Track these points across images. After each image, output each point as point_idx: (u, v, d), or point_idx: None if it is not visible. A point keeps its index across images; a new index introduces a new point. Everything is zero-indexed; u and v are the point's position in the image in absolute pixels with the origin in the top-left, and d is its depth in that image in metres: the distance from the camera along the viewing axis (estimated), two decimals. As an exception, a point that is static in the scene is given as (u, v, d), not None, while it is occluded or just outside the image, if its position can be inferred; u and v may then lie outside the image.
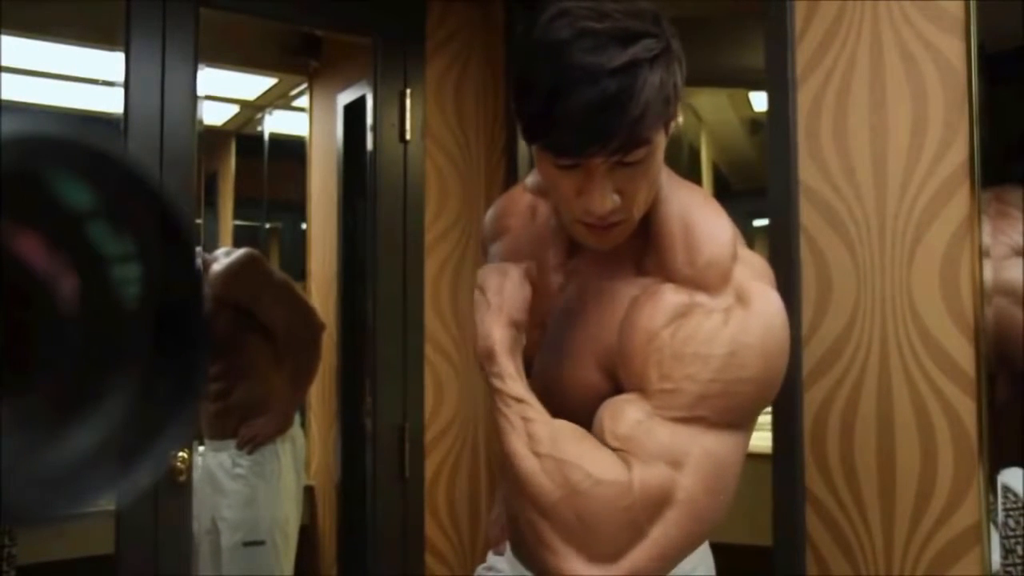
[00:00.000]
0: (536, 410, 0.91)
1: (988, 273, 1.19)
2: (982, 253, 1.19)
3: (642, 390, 0.89)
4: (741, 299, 0.89)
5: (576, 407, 0.94)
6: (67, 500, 0.43)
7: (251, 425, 2.52)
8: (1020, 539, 1.19)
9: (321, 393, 2.83)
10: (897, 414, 1.28)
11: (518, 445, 0.89)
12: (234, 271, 2.53)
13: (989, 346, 1.19)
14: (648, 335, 0.89)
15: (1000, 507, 1.18)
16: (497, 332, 0.94)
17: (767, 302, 0.90)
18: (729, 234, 0.94)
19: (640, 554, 0.85)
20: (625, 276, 0.96)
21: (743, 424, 0.91)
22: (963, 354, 1.21)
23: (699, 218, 0.95)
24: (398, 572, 2.05)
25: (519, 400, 0.91)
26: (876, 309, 1.31)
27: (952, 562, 1.21)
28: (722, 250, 0.92)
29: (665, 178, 0.96)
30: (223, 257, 2.60)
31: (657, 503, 0.85)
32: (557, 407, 0.95)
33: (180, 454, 1.75)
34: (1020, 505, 1.20)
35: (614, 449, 0.88)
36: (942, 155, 1.24)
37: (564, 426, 0.90)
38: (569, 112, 0.80)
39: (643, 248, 0.96)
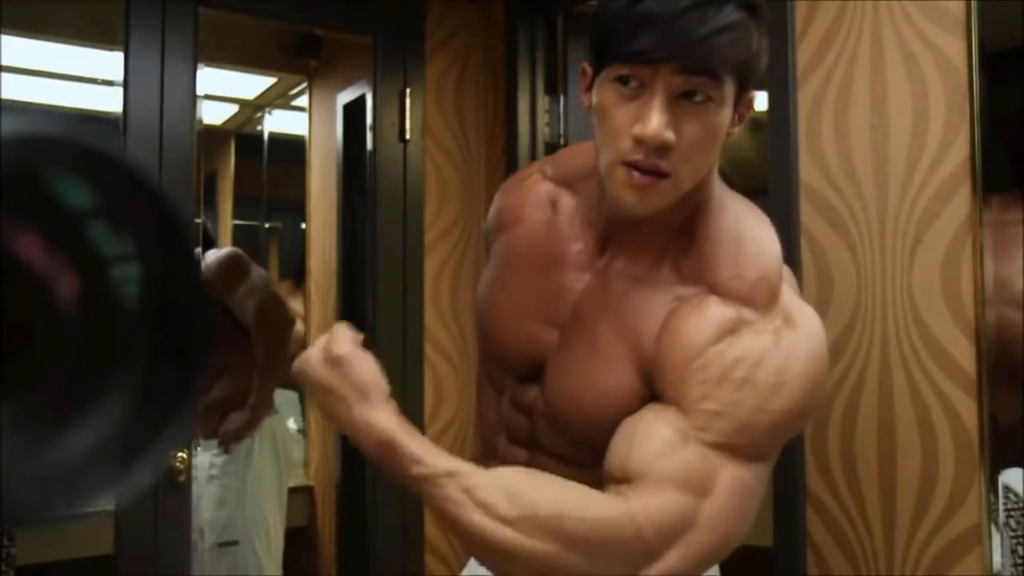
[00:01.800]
0: (473, 474, 0.83)
1: (989, 270, 1.19)
2: (983, 253, 1.19)
3: (679, 406, 0.84)
4: (788, 320, 0.86)
5: (610, 411, 0.90)
6: (67, 500, 0.42)
7: (228, 421, 2.54)
8: (1021, 540, 1.19)
9: (321, 393, 2.82)
10: (898, 414, 1.28)
11: (478, 519, 0.80)
12: (213, 270, 2.56)
13: (990, 346, 1.19)
14: (694, 349, 0.85)
15: (1001, 507, 1.18)
16: (380, 419, 0.85)
17: (812, 323, 0.88)
18: (778, 249, 0.91)
19: (654, 572, 0.81)
20: (663, 279, 0.92)
21: (774, 454, 0.88)
22: (964, 354, 1.21)
23: (750, 230, 0.92)
24: (398, 572, 2.05)
25: (450, 474, 0.82)
26: (877, 309, 1.31)
27: (953, 563, 1.21)
28: (772, 265, 0.89)
29: (718, 185, 0.94)
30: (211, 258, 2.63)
31: (673, 531, 0.81)
32: (585, 411, 0.92)
33: (179, 454, 1.75)
34: (1021, 506, 1.20)
35: (617, 481, 0.84)
36: (943, 155, 1.24)
37: (512, 477, 0.84)
38: (648, 15, 0.80)
39: (684, 252, 0.92)
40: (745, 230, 0.92)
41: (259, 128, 3.40)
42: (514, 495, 0.81)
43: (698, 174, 0.87)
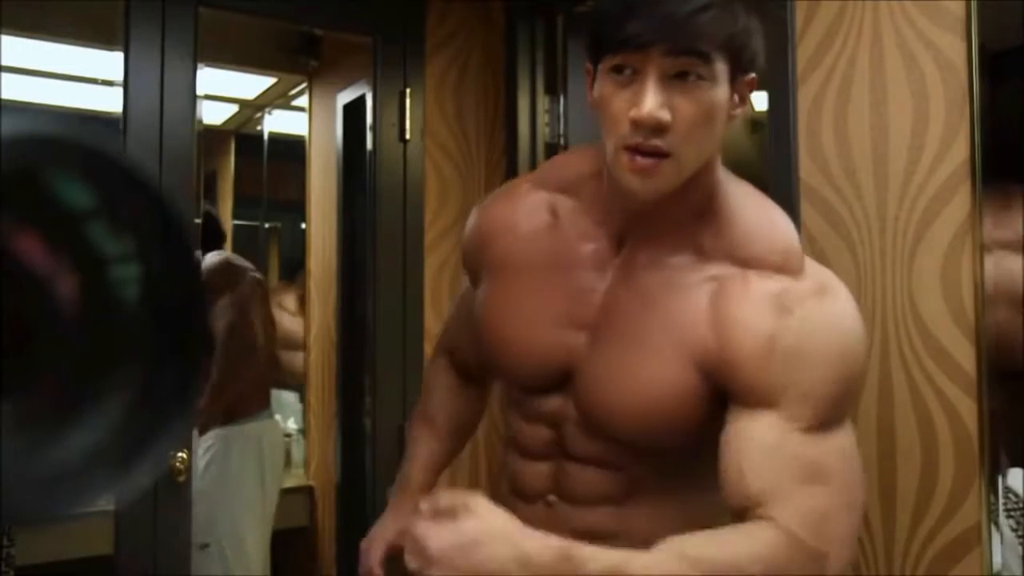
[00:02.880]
0: (641, 554, 0.80)
1: (990, 267, 1.19)
2: (983, 252, 1.19)
3: (766, 401, 0.86)
4: (823, 286, 0.90)
5: (667, 408, 0.91)
6: (67, 500, 0.42)
7: None
8: (1022, 540, 1.19)
9: (321, 393, 2.82)
10: (898, 414, 1.28)
11: None
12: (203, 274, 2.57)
13: (991, 346, 1.19)
14: (762, 338, 0.87)
15: (1002, 508, 1.18)
16: (542, 542, 0.80)
17: (842, 284, 0.92)
18: (790, 221, 0.97)
19: (831, 572, 0.84)
20: (689, 263, 0.94)
21: (851, 412, 0.94)
22: (964, 354, 1.21)
23: (764, 208, 0.96)
24: (398, 572, 2.04)
25: (626, 561, 0.80)
26: (877, 309, 1.31)
27: (953, 563, 1.21)
28: (793, 235, 0.94)
29: (722, 169, 0.97)
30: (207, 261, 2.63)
31: (822, 524, 0.84)
32: (636, 410, 0.92)
33: (179, 454, 1.75)
34: (1021, 506, 1.20)
35: (747, 511, 0.85)
36: (943, 155, 1.24)
37: (679, 543, 0.82)
38: (633, 3, 0.84)
39: (704, 233, 0.94)
40: (760, 208, 0.96)
41: (259, 128, 3.39)
42: (693, 560, 0.80)
43: (701, 154, 0.90)
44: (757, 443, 0.86)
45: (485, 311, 1.07)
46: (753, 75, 0.91)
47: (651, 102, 0.84)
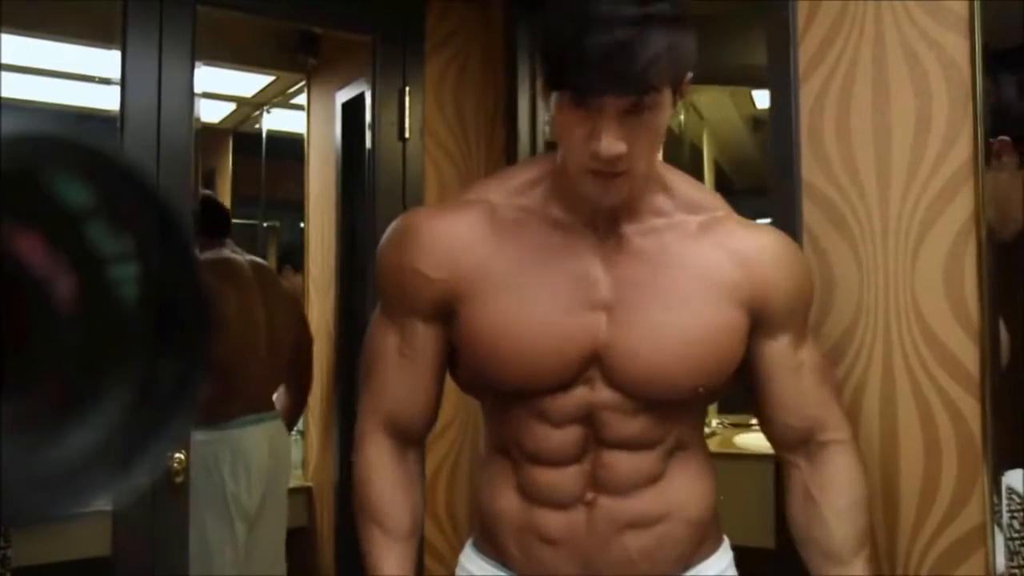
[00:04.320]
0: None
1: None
2: (986, 251, 1.19)
3: (787, 322, 1.08)
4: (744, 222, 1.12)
5: (716, 348, 1.03)
6: (65, 500, 0.42)
7: None
8: (1022, 540, 1.18)
9: (320, 393, 2.82)
10: (900, 414, 1.28)
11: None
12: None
13: (995, 342, 1.18)
14: (781, 264, 1.07)
15: (1005, 509, 1.18)
16: None
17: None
18: None
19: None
20: (659, 223, 1.06)
21: None
22: (967, 354, 1.20)
23: (688, 176, 1.14)
24: (397, 573, 2.04)
25: None
26: (879, 309, 1.31)
27: (956, 564, 1.20)
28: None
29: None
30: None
31: (844, 415, 1.17)
32: (686, 358, 1.01)
33: (177, 455, 1.74)
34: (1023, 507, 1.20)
35: (801, 430, 1.12)
36: (946, 153, 1.24)
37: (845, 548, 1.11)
38: (588, 55, 0.88)
39: (655, 198, 1.06)
40: (685, 177, 1.14)
41: (257, 127, 3.39)
42: (861, 540, 1.12)
43: (650, 161, 1.00)
44: (791, 366, 1.09)
45: (483, 326, 1.03)
46: (689, 75, 0.98)
47: (607, 142, 0.91)
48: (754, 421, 3.56)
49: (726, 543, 1.19)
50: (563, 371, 1.02)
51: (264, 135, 3.36)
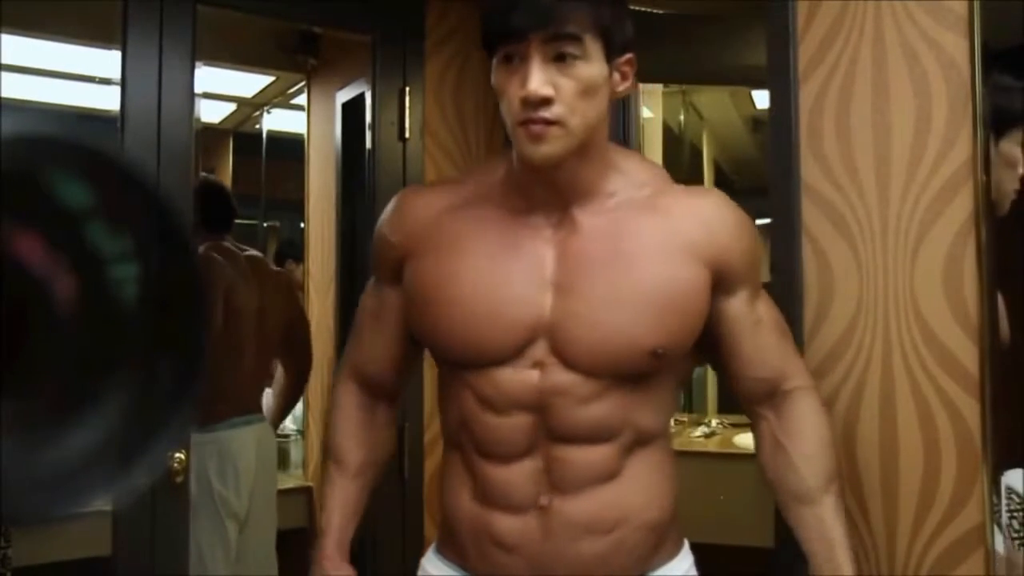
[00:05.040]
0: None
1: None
2: (986, 252, 1.19)
3: (743, 279, 1.10)
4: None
5: (679, 303, 1.04)
6: (65, 500, 0.42)
7: None
8: (1021, 541, 1.18)
9: (320, 392, 2.82)
10: (900, 415, 1.28)
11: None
12: None
13: (994, 335, 1.18)
14: (733, 224, 1.10)
15: (1004, 508, 1.18)
16: None
17: None
18: None
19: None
20: (610, 202, 1.09)
21: None
22: (966, 354, 1.20)
23: (637, 154, 1.24)
24: (398, 572, 2.04)
25: None
26: (879, 309, 1.31)
27: (955, 564, 1.20)
28: None
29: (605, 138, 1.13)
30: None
31: (803, 365, 1.22)
32: (648, 316, 1.02)
33: (177, 455, 1.74)
34: (1023, 506, 1.20)
35: (766, 380, 1.15)
36: (945, 153, 1.24)
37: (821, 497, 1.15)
38: (509, 0, 0.99)
39: (605, 180, 1.09)
40: (634, 155, 1.21)
41: (258, 127, 3.40)
42: (831, 484, 1.16)
43: (586, 121, 1.02)
44: (752, 321, 1.12)
45: (424, 279, 1.10)
46: (630, 55, 1.06)
47: (535, 81, 0.98)
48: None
49: (686, 547, 1.18)
50: (503, 337, 1.04)
51: (264, 135, 3.37)
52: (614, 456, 1.06)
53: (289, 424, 3.01)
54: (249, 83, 3.13)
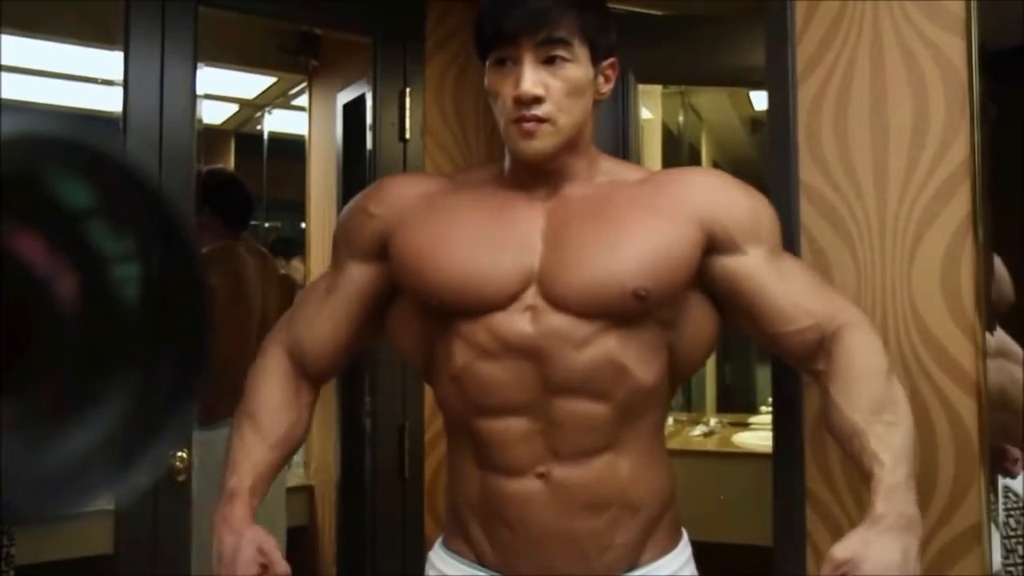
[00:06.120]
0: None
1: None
2: (983, 252, 1.19)
3: (753, 238, 1.13)
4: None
5: (660, 255, 1.08)
6: (67, 500, 0.42)
7: None
8: (1021, 539, 1.19)
9: (320, 393, 2.82)
10: (898, 414, 1.28)
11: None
12: None
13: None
14: (730, 189, 1.15)
15: (1001, 507, 1.18)
16: None
17: None
18: None
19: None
20: (598, 188, 1.15)
21: None
22: (964, 353, 1.21)
23: (617, 158, 1.33)
24: (398, 572, 2.05)
25: None
26: (877, 308, 1.31)
27: (953, 562, 1.21)
28: None
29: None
30: None
31: (852, 304, 1.20)
32: (627, 260, 1.06)
33: (179, 453, 1.75)
34: (1021, 505, 1.20)
35: (809, 328, 1.12)
36: (943, 154, 1.24)
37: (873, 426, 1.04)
38: (501, 5, 1.07)
39: (590, 171, 1.16)
40: (615, 159, 1.27)
41: (259, 128, 3.40)
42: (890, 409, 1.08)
43: (573, 119, 1.09)
44: (775, 274, 1.13)
45: (419, 239, 1.13)
46: (613, 59, 1.14)
47: (528, 81, 1.05)
48: (753, 420, 3.55)
49: (685, 539, 1.20)
50: (498, 283, 1.08)
51: (266, 136, 3.37)
52: (609, 420, 1.08)
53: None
54: (250, 84, 3.13)
